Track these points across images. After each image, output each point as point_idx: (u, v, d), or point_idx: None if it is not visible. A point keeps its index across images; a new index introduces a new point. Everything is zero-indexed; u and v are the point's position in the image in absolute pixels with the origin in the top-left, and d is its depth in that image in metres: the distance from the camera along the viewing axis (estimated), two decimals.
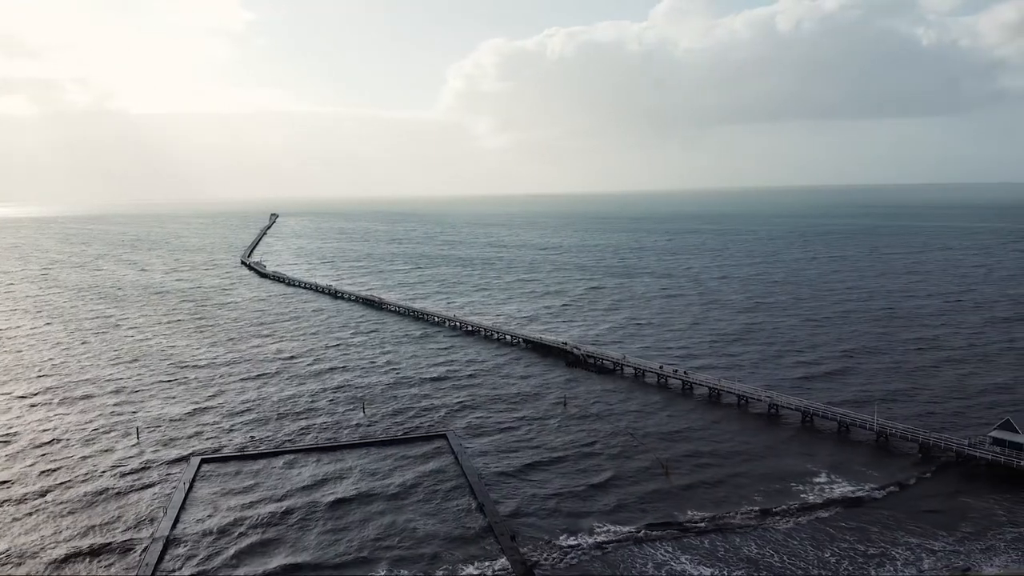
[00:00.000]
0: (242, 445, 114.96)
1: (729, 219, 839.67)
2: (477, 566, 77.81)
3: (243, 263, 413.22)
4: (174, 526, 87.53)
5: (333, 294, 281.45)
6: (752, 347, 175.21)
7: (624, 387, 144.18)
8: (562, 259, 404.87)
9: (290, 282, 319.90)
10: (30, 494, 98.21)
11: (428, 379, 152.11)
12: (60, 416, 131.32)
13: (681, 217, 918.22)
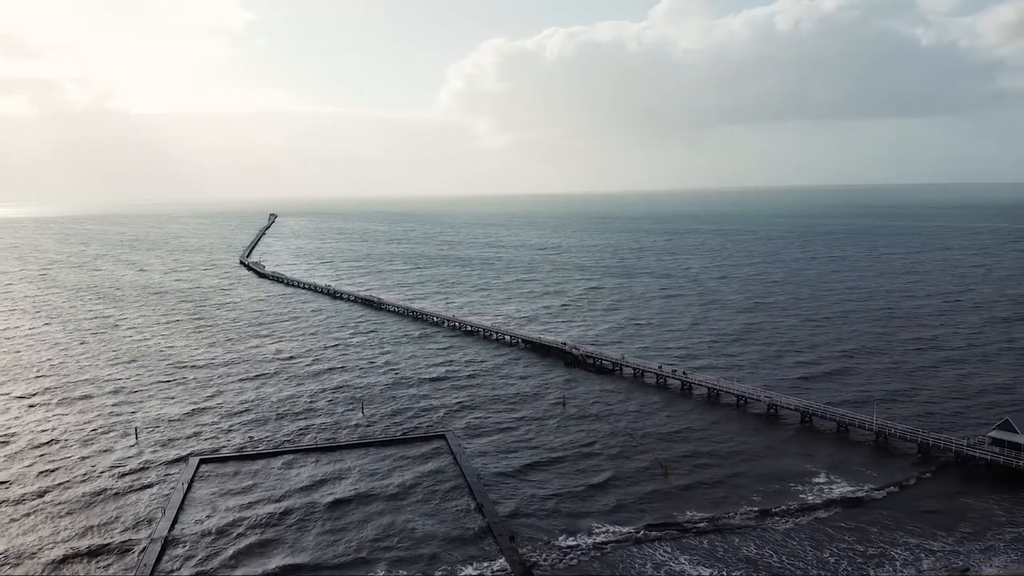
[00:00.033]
0: (241, 445, 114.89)
1: (728, 219, 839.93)
2: (476, 567, 77.76)
3: (242, 263, 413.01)
4: (172, 527, 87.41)
5: (332, 294, 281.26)
6: (751, 347, 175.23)
7: (623, 387, 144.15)
8: (561, 259, 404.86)
9: (289, 282, 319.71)
10: (28, 495, 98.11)
11: (427, 379, 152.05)
12: (59, 416, 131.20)
13: (680, 217, 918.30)
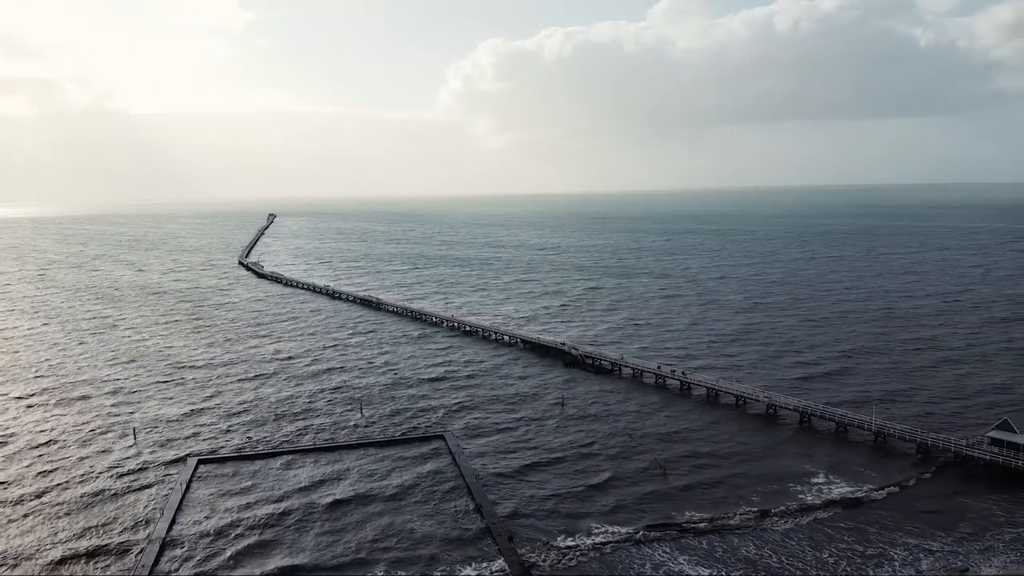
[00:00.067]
0: (239, 446, 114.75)
1: (727, 219, 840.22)
2: (475, 567, 77.70)
3: (241, 263, 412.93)
4: (170, 528, 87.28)
5: (331, 294, 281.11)
6: (750, 347, 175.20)
7: (622, 387, 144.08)
8: (560, 259, 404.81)
9: (288, 282, 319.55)
10: (27, 495, 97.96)
11: (426, 380, 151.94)
12: (57, 417, 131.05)
13: (680, 217, 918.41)
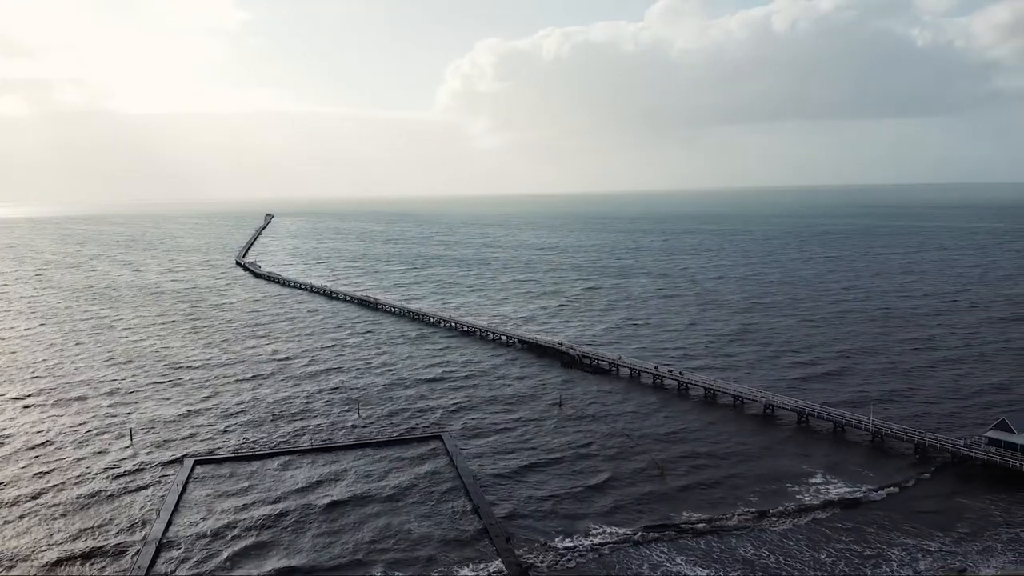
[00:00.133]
0: (236, 447, 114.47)
1: (726, 219, 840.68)
2: (472, 568, 77.52)
3: (238, 264, 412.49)
4: (167, 529, 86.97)
5: (329, 295, 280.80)
6: (748, 347, 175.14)
7: (620, 388, 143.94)
8: (558, 259, 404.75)
9: (285, 283, 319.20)
10: (23, 496, 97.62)
11: (424, 380, 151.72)
12: (54, 418, 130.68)
13: (678, 217, 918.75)
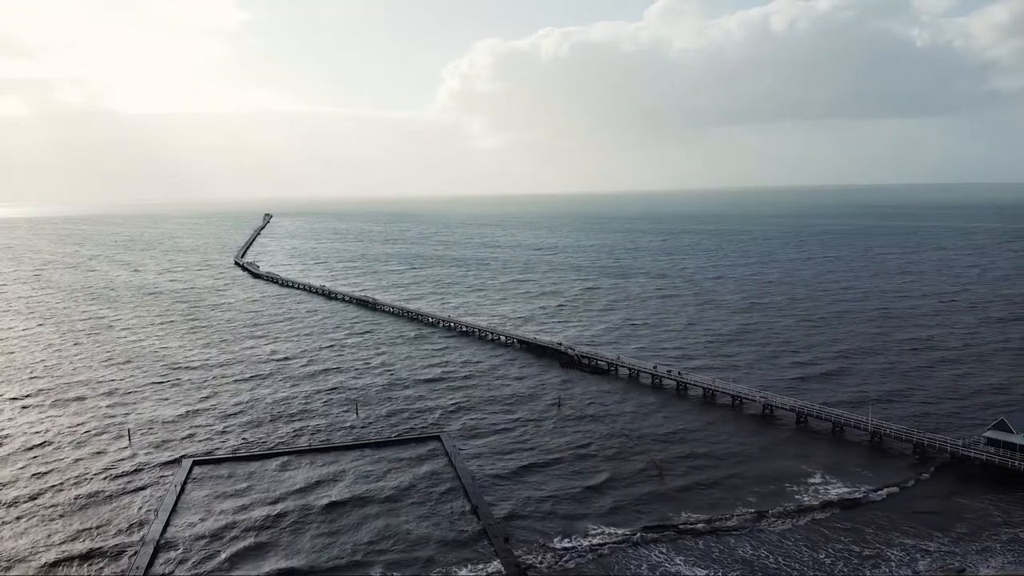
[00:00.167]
0: (235, 447, 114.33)
1: (725, 219, 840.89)
2: (471, 569, 77.46)
3: (237, 264, 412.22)
4: (165, 530, 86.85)
5: (327, 295, 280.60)
6: (747, 347, 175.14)
7: (619, 388, 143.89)
8: (557, 260, 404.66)
9: (284, 283, 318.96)
10: (21, 497, 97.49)
11: (422, 380, 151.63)
12: (52, 418, 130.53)
13: (677, 217, 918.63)
